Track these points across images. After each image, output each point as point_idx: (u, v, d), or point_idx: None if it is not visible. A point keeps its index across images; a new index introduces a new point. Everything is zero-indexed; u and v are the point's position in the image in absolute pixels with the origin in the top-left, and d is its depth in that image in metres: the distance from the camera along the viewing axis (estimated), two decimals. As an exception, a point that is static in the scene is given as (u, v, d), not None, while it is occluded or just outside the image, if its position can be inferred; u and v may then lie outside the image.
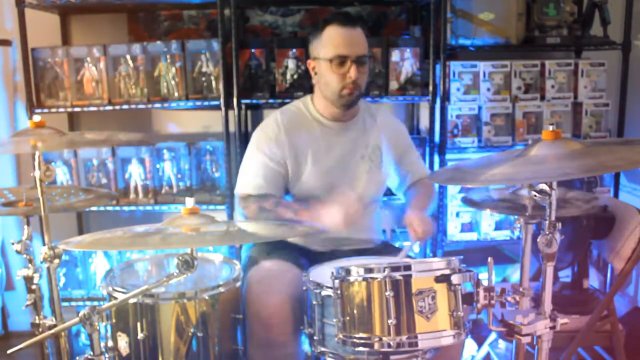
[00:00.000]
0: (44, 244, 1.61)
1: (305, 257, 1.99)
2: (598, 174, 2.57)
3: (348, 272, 1.39)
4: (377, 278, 1.34)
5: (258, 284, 1.79)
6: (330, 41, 1.94)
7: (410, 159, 2.19)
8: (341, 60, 1.93)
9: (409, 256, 1.93)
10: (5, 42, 2.84)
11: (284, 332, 1.72)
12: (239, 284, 1.75)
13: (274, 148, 2.01)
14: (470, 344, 2.55)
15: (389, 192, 2.30)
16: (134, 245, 1.62)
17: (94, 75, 2.65)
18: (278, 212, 1.89)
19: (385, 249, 2.10)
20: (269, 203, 1.93)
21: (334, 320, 1.42)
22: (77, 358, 1.47)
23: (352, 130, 2.08)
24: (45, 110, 2.64)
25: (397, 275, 1.33)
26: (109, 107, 2.64)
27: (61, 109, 2.67)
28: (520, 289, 1.42)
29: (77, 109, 2.67)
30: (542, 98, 2.74)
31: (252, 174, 2.02)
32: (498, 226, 2.77)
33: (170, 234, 1.44)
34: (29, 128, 1.66)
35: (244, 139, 2.78)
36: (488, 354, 2.51)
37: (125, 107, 2.64)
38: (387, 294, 1.33)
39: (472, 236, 2.76)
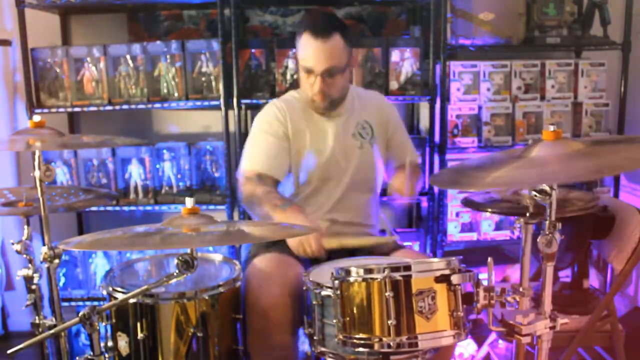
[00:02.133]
0: (44, 244, 1.61)
1: None
2: (607, 175, 2.55)
3: (348, 272, 1.39)
4: (377, 278, 1.34)
5: (257, 275, 1.81)
6: (302, 50, 1.98)
7: (399, 139, 2.22)
8: (308, 72, 1.97)
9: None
10: (5, 42, 2.84)
11: (282, 322, 1.72)
12: (239, 284, 1.74)
13: (275, 125, 2.06)
14: (470, 344, 2.55)
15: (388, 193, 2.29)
16: (134, 245, 1.61)
17: (94, 75, 2.65)
18: (263, 202, 1.89)
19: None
20: (262, 189, 1.93)
21: (334, 320, 1.42)
22: (77, 358, 1.47)
23: (342, 114, 2.13)
24: (45, 110, 2.64)
25: (397, 275, 1.33)
26: (109, 107, 2.64)
27: (61, 109, 2.67)
28: (520, 289, 1.42)
29: (77, 109, 2.67)
30: (542, 98, 2.74)
31: (255, 152, 2.06)
32: (498, 226, 2.77)
33: (170, 234, 1.43)
34: (28, 128, 1.66)
35: (244, 139, 2.77)
36: (488, 354, 2.51)
37: (125, 107, 2.64)
38: (387, 294, 1.32)
39: (472, 236, 2.76)
